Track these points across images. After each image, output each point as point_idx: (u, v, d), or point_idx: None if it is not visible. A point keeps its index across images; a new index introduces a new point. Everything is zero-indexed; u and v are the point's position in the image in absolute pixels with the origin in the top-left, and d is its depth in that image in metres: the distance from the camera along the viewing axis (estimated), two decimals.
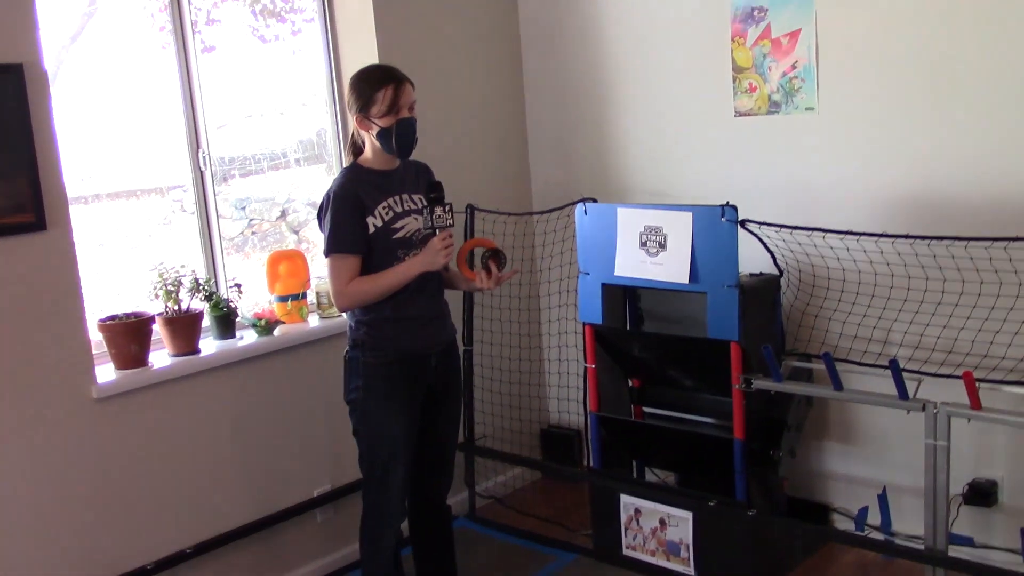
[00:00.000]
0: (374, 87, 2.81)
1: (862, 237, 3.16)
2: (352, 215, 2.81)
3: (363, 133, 2.90)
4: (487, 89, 4.28)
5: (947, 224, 3.12)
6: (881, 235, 3.11)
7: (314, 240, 3.98)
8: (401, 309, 2.87)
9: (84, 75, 3.43)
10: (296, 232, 4.08)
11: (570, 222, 3.83)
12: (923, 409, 2.88)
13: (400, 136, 2.82)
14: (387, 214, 2.86)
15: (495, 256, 2.94)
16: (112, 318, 3.17)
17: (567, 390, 4.35)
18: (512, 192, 4.37)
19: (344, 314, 3.01)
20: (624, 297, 3.56)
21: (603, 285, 3.51)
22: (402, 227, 2.87)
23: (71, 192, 3.03)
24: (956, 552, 3.01)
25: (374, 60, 3.72)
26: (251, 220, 3.98)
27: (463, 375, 3.45)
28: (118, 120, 3.53)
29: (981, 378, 2.88)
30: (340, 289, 2.84)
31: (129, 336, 3.13)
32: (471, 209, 3.93)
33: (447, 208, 2.83)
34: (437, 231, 2.81)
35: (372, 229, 2.83)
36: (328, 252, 2.85)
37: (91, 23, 3.47)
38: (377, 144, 2.86)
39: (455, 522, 3.36)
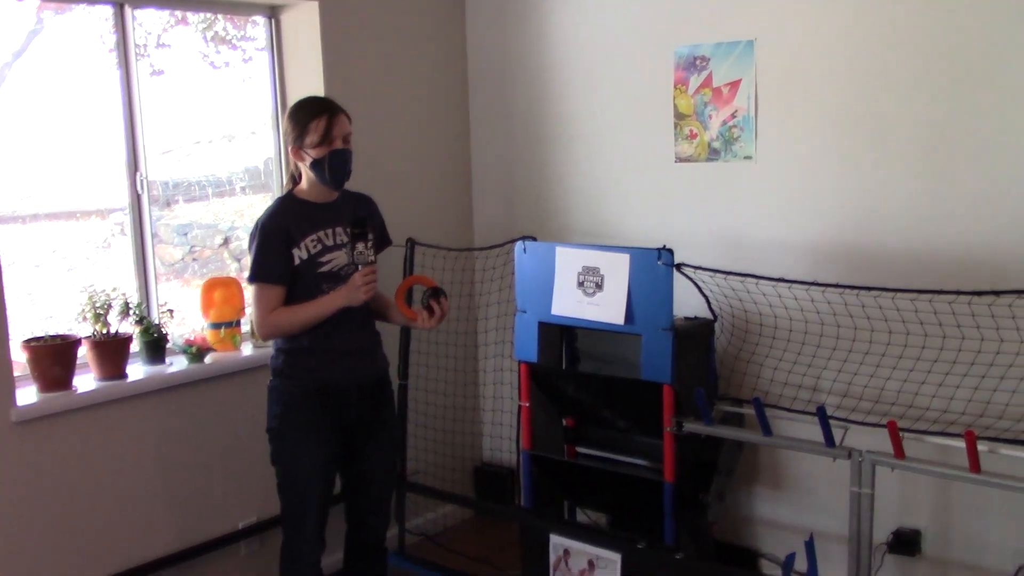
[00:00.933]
0: (308, 118, 2.81)
1: (794, 285, 3.20)
2: (276, 246, 2.81)
3: (299, 164, 2.90)
4: (433, 124, 4.30)
5: (876, 275, 3.18)
6: (812, 283, 3.15)
7: None
8: (320, 341, 2.86)
9: (27, 93, 3.39)
10: (238, 260, 4.04)
11: (509, 259, 3.83)
12: (848, 457, 2.90)
13: (333, 167, 2.81)
14: (315, 247, 2.85)
15: (435, 295, 2.93)
16: (37, 339, 3.11)
17: (501, 428, 4.33)
18: (454, 227, 4.38)
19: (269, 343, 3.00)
20: (560, 336, 3.56)
21: (540, 323, 3.50)
22: (329, 260, 2.86)
23: (7, 211, 2.99)
24: None
25: (320, 92, 3.71)
26: (193, 247, 3.94)
27: (397, 410, 3.42)
28: (61, 140, 3.49)
29: (905, 428, 2.91)
30: (261, 319, 2.85)
31: (53, 358, 3.07)
32: (411, 243, 3.92)
33: (369, 244, 2.80)
34: (359, 267, 2.80)
35: (297, 261, 2.83)
36: (251, 280, 2.85)
37: (36, 41, 3.44)
38: (312, 175, 2.86)
39: None
